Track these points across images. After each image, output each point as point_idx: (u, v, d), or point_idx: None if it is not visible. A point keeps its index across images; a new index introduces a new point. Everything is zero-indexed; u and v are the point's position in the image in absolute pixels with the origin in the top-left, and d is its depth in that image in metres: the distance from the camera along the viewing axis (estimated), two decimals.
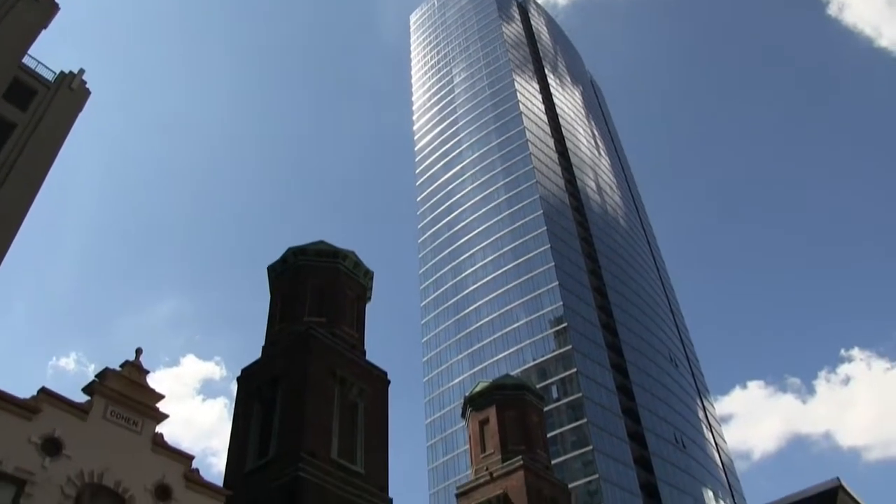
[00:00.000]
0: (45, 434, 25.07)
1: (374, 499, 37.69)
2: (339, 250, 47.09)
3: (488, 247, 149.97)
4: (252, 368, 43.08)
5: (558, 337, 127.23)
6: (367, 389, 41.65)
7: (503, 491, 52.04)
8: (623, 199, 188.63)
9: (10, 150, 31.61)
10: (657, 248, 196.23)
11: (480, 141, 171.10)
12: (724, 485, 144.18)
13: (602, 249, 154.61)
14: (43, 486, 24.16)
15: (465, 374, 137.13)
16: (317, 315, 43.37)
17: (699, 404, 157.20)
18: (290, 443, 36.73)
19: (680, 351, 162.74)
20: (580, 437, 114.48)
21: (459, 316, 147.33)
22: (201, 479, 29.59)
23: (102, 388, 27.83)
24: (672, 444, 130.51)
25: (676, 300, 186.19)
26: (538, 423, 58.61)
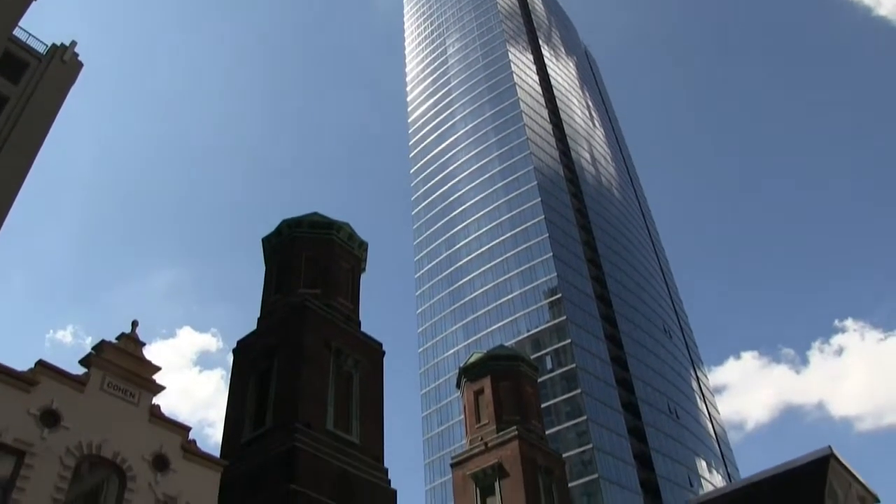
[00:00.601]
0: (43, 406, 25.26)
1: (369, 468, 38.03)
2: (334, 222, 47.12)
3: (482, 218, 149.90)
4: (248, 340, 43.25)
5: (552, 308, 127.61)
6: (362, 360, 41.88)
7: (498, 461, 52.50)
8: (617, 170, 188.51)
9: (2, 124, 31.45)
10: (651, 220, 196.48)
11: (474, 112, 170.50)
12: (717, 455, 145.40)
13: (596, 220, 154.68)
14: (42, 457, 24.38)
15: (459, 345, 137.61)
16: (311, 287, 43.50)
17: (693, 375, 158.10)
18: (286, 413, 36.99)
19: (674, 322, 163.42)
20: (574, 407, 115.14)
21: (454, 287, 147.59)
22: (198, 450, 29.85)
23: (99, 361, 27.99)
24: (665, 414, 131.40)
25: (671, 271, 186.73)
26: (532, 394, 59.01)
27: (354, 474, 36.77)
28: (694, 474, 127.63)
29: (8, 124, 31.53)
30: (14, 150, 31.18)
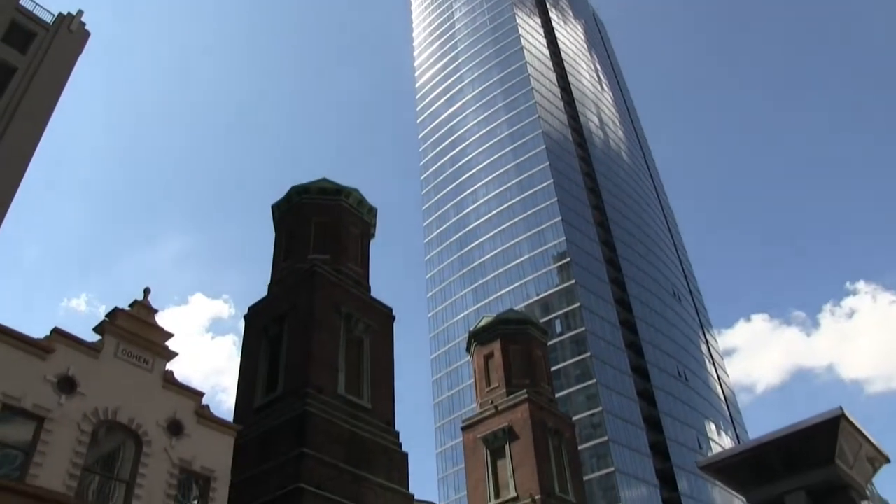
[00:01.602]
0: (59, 373, 25.57)
1: (380, 432, 38.38)
2: (343, 188, 47.16)
3: (491, 182, 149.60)
4: (259, 306, 43.53)
5: (562, 272, 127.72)
6: (373, 325, 42.11)
7: (508, 424, 52.90)
8: (626, 133, 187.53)
9: (12, 95, 31.46)
10: (660, 183, 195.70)
11: (482, 77, 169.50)
12: (727, 417, 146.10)
13: (605, 184, 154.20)
14: (60, 423, 24.75)
15: (469, 309, 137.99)
16: (321, 252, 43.65)
17: (702, 338, 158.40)
18: (298, 379, 37.31)
19: (683, 285, 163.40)
20: (584, 370, 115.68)
21: (463, 252, 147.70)
22: (212, 415, 30.19)
23: (113, 328, 28.25)
24: (675, 377, 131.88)
25: (680, 234, 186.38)
26: (542, 357, 59.29)
27: (366, 438, 37.13)
28: (703, 437, 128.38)
29: (17, 94, 31.54)
30: (24, 120, 31.22)
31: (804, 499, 6.29)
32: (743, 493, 6.89)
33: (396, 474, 37.72)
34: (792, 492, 6.35)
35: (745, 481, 6.84)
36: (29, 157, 31.21)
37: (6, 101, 31.02)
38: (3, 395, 23.77)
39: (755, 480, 6.71)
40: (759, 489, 6.68)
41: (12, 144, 30.26)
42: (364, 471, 35.75)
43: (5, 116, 30.69)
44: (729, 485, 7.16)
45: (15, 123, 30.67)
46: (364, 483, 35.41)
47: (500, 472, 52.34)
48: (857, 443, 6.50)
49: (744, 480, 6.86)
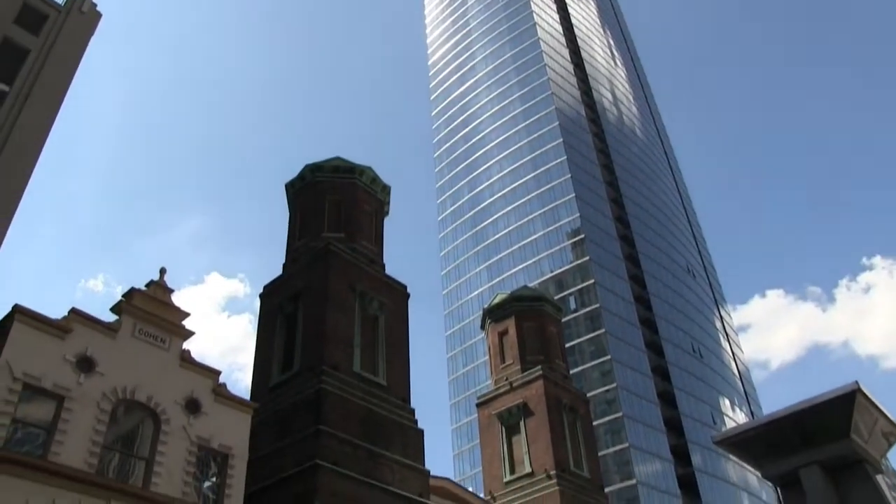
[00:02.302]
0: (78, 352, 25.83)
1: (396, 409, 38.61)
2: (356, 166, 47.19)
3: (504, 160, 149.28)
4: (274, 285, 43.74)
5: (575, 248, 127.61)
6: (387, 303, 42.26)
7: (523, 400, 53.08)
8: (640, 109, 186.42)
9: (25, 77, 31.55)
10: (674, 159, 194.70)
11: (494, 53, 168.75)
12: (741, 393, 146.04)
13: (619, 160, 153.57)
14: (80, 402, 25.04)
15: (483, 286, 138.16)
16: (335, 231, 43.76)
17: (716, 314, 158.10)
18: (313, 356, 37.53)
19: (697, 261, 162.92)
20: (598, 347, 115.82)
21: (477, 229, 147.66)
22: (229, 393, 30.44)
23: (130, 308, 28.47)
24: (689, 353, 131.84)
25: (694, 210, 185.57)
26: (556, 334, 59.37)
27: (381, 415, 37.37)
28: (717, 412, 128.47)
29: (31, 77, 31.62)
30: (38, 103, 31.33)
31: (819, 473, 6.32)
32: (757, 468, 6.94)
33: (412, 450, 37.97)
34: (807, 466, 6.39)
35: (760, 456, 6.88)
36: (43, 140, 31.32)
37: (20, 84, 31.12)
38: (24, 375, 24.05)
39: (770, 455, 6.75)
40: (773, 463, 6.72)
41: (27, 127, 30.38)
42: (380, 447, 36.01)
43: (19, 99, 30.80)
44: (744, 459, 7.20)
45: (29, 106, 30.77)
46: (380, 459, 35.68)
47: (515, 447, 52.58)
48: (873, 417, 6.53)
49: (758, 455, 6.90)
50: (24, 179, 30.01)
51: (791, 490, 6.59)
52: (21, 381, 23.94)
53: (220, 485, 28.42)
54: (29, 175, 30.40)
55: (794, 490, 6.54)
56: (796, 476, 6.46)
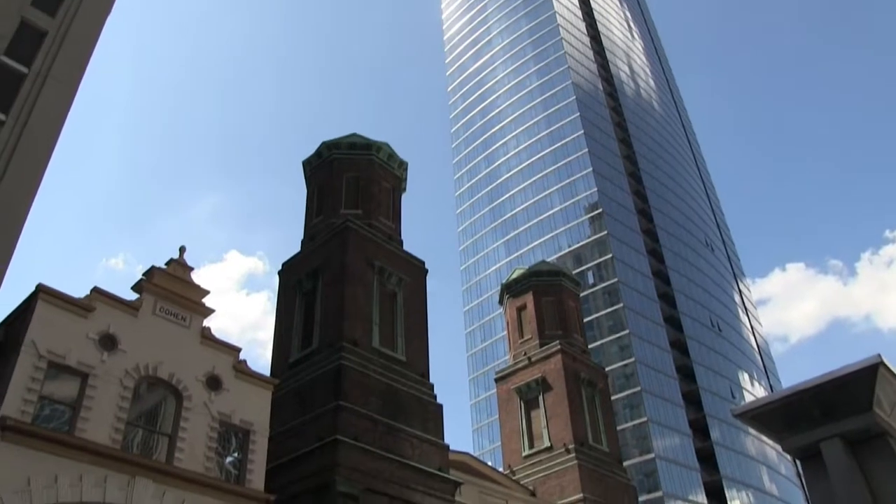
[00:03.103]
0: (100, 330, 26.11)
1: (415, 384, 38.82)
2: (373, 142, 47.20)
3: (521, 134, 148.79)
4: (292, 262, 43.94)
5: (593, 223, 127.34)
6: (406, 279, 42.38)
7: (541, 375, 53.23)
8: (657, 82, 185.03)
9: (43, 58, 31.64)
10: (692, 132, 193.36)
11: (510, 27, 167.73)
12: (760, 367, 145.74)
13: (636, 134, 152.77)
14: (104, 379, 25.34)
15: (501, 261, 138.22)
16: (353, 207, 43.86)
17: (735, 288, 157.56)
18: (332, 333, 37.75)
19: (716, 234, 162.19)
20: (616, 321, 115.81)
21: (494, 204, 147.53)
22: (249, 370, 30.68)
23: (150, 286, 28.71)
24: (707, 327, 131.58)
25: (712, 184, 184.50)
26: (574, 309, 59.39)
27: (401, 390, 37.59)
28: (736, 386, 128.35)
29: (49, 57, 31.72)
30: (56, 83, 31.43)
31: (840, 446, 6.32)
32: (778, 441, 6.94)
33: (432, 425, 38.22)
34: (828, 439, 6.39)
35: (780, 429, 6.87)
36: (62, 120, 31.45)
37: (38, 66, 31.22)
38: (49, 353, 24.35)
39: (790, 428, 6.74)
40: (794, 437, 6.71)
41: (45, 108, 30.50)
42: (400, 422, 36.26)
43: (38, 81, 30.91)
44: (764, 432, 7.19)
45: (47, 87, 30.91)
46: (400, 434, 35.94)
47: (534, 422, 52.80)
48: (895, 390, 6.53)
49: (779, 428, 6.89)
50: (43, 159, 30.19)
51: (811, 463, 6.60)
52: (46, 359, 24.26)
53: (242, 460, 28.72)
54: (49, 155, 30.55)
55: (814, 463, 6.55)
56: (817, 449, 6.46)
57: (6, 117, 29.61)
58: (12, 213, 28.01)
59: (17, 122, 29.79)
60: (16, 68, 31.02)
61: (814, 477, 6.51)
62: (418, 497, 35.10)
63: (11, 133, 29.39)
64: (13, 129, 29.55)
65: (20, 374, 23.50)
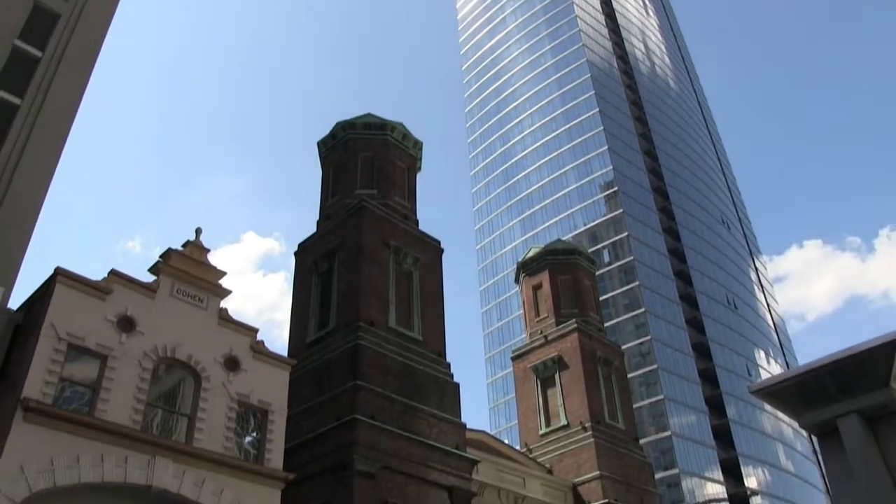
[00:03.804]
0: (119, 312, 26.28)
1: (432, 363, 38.96)
2: (387, 122, 47.17)
3: (536, 113, 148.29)
4: (308, 242, 44.07)
5: (609, 201, 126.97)
6: (421, 258, 42.44)
7: (557, 353, 53.31)
8: (672, 59, 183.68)
9: (57, 42, 31.66)
10: (708, 109, 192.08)
11: (524, 5, 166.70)
12: (776, 344, 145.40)
13: (652, 111, 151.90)
14: (123, 360, 25.55)
15: (516, 240, 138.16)
16: (368, 187, 43.90)
17: (751, 265, 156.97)
18: (349, 312, 37.90)
19: (732, 212, 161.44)
20: (632, 299, 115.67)
21: (510, 183, 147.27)
22: (267, 350, 30.84)
23: (167, 268, 28.84)
24: (723, 305, 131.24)
25: (728, 161, 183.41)
26: (590, 287, 59.35)
27: (417, 369, 37.75)
28: (752, 364, 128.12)
29: (62, 41, 31.73)
30: (71, 67, 31.45)
31: (858, 422, 6.31)
32: (794, 418, 6.93)
33: (448, 404, 38.38)
34: (845, 415, 6.37)
35: (797, 405, 6.86)
36: (77, 104, 31.49)
37: (51, 50, 31.24)
38: (68, 335, 24.55)
39: (807, 404, 6.73)
40: (811, 413, 6.70)
41: (60, 92, 30.56)
42: (417, 401, 36.44)
43: (52, 65, 30.97)
44: (780, 409, 7.18)
45: (61, 71, 30.96)
46: (417, 413, 36.12)
47: (551, 400, 52.94)
48: None
49: (796, 404, 6.88)
50: (59, 143, 30.28)
51: (829, 440, 6.59)
52: (66, 341, 24.46)
53: (261, 439, 28.93)
54: (64, 138, 30.64)
55: (831, 440, 6.54)
56: (834, 426, 6.46)
57: (21, 101, 29.72)
58: (30, 196, 28.17)
59: (33, 106, 29.89)
60: (30, 52, 31.09)
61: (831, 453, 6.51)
62: (435, 475, 35.33)
63: (27, 117, 29.50)
64: (28, 112, 29.64)
65: (40, 357, 23.74)
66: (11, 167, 27.95)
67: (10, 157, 28.14)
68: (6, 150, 28.21)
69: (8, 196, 27.27)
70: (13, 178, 27.78)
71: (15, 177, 27.83)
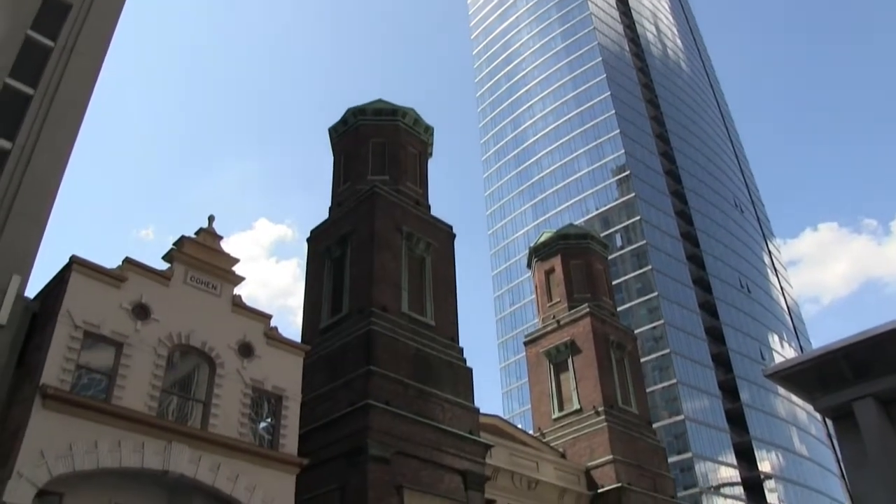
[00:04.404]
0: (133, 300, 26.46)
1: (445, 349, 39.03)
2: (399, 108, 47.10)
3: (547, 97, 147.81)
4: (320, 229, 44.14)
5: (621, 185, 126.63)
6: (434, 244, 42.45)
7: (570, 338, 53.32)
8: (684, 42, 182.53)
9: (69, 32, 31.76)
10: (720, 92, 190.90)
11: None
12: (790, 328, 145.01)
13: (664, 95, 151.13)
14: (138, 348, 25.75)
15: (528, 225, 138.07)
16: (380, 173, 43.91)
17: (765, 249, 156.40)
18: (362, 298, 37.99)
19: (745, 195, 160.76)
20: (645, 283, 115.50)
21: (521, 168, 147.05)
22: (281, 336, 30.96)
23: (181, 256, 28.97)
24: (737, 289, 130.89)
25: (741, 144, 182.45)
26: (603, 271, 59.27)
27: (431, 354, 37.83)
28: (765, 348, 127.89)
29: (74, 30, 31.82)
30: (82, 56, 31.53)
31: (874, 406, 6.29)
32: (809, 401, 6.93)
33: (461, 389, 38.48)
34: (861, 399, 6.36)
35: (813, 389, 6.85)
36: (89, 93, 31.57)
37: (63, 40, 31.36)
38: (84, 323, 24.75)
39: (823, 388, 6.72)
40: (826, 396, 6.70)
41: (72, 81, 30.67)
42: (430, 386, 36.54)
43: (64, 55, 31.09)
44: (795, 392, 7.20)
45: (73, 61, 31.05)
46: (430, 398, 36.24)
47: (564, 385, 52.99)
48: None
49: (811, 388, 6.87)
50: (72, 132, 30.40)
51: (844, 423, 6.59)
52: (82, 328, 24.66)
53: (275, 425, 29.10)
54: (77, 128, 30.76)
55: (846, 423, 6.54)
56: (850, 409, 6.45)
57: (34, 91, 29.86)
58: (44, 185, 28.33)
59: (46, 96, 30.04)
60: (43, 42, 31.21)
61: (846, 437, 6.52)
62: (449, 460, 35.47)
63: (40, 107, 29.64)
64: (42, 103, 29.79)
65: (58, 344, 23.97)
66: (26, 158, 28.14)
67: (24, 148, 28.33)
68: (20, 140, 28.39)
69: (23, 186, 27.46)
70: (27, 168, 27.96)
71: (29, 167, 28.01)
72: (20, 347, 25.14)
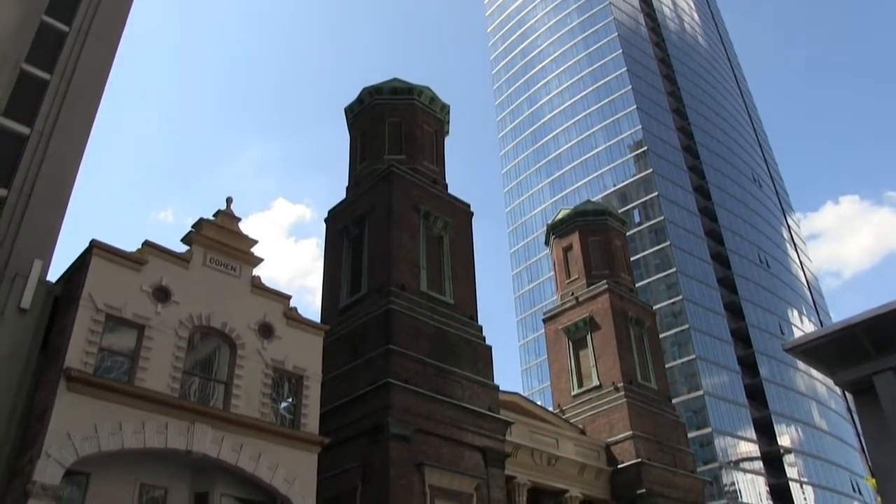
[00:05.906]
0: (153, 283, 26.64)
1: (463, 326, 39.16)
2: (414, 86, 47.04)
3: (563, 73, 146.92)
4: (338, 209, 44.25)
5: (638, 161, 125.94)
6: (451, 222, 42.49)
7: (589, 314, 53.30)
8: (701, 15, 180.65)
9: (84, 15, 31.88)
10: (738, 65, 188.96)
11: None
12: (810, 303, 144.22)
13: (681, 69, 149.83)
14: (159, 330, 25.96)
15: (546, 202, 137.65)
16: (396, 152, 43.94)
17: (784, 223, 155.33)
18: (381, 277, 38.13)
19: (763, 170, 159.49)
20: (663, 259, 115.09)
21: (538, 145, 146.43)
22: (300, 317, 31.10)
23: (199, 238, 29.10)
24: (756, 264, 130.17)
25: (759, 118, 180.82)
26: (621, 248, 59.15)
27: (450, 332, 37.97)
28: (785, 322, 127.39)
29: (89, 14, 31.93)
30: (97, 39, 31.64)
31: (894, 379, 6.28)
32: (829, 375, 6.92)
33: (481, 366, 38.64)
34: (881, 372, 6.35)
35: (833, 363, 6.84)
36: (105, 77, 31.72)
37: (78, 23, 31.46)
38: (106, 306, 24.98)
39: (843, 362, 6.71)
40: (846, 370, 6.69)
41: (88, 65, 30.82)
42: (449, 364, 36.71)
43: (79, 39, 31.21)
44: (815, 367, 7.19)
45: (89, 44, 31.17)
46: (450, 376, 36.40)
47: (583, 361, 53.04)
48: None
49: (831, 362, 6.86)
50: (90, 115, 30.58)
51: (864, 397, 6.59)
52: (104, 312, 24.91)
53: (296, 405, 29.30)
54: (94, 111, 30.94)
55: (867, 397, 6.54)
56: (870, 383, 6.44)
57: (51, 77, 30.02)
58: (63, 170, 28.55)
59: (62, 81, 30.20)
60: (58, 27, 31.33)
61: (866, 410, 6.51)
62: (469, 437, 35.68)
63: (57, 92, 29.82)
64: (58, 87, 29.96)
65: (80, 327, 24.22)
66: (44, 143, 28.35)
67: (42, 133, 28.53)
68: (38, 126, 28.58)
69: (42, 171, 27.69)
70: (46, 153, 28.16)
71: (48, 152, 28.22)
72: (44, 331, 25.44)
